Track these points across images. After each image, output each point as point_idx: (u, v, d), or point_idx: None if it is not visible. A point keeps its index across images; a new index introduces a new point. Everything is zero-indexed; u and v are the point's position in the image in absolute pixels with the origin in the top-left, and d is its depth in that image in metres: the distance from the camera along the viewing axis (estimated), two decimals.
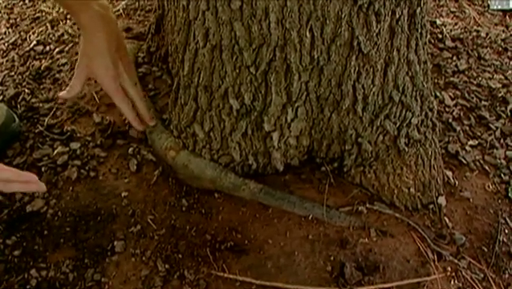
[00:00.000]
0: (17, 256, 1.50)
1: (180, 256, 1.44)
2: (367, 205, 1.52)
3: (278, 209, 1.49)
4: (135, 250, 1.46)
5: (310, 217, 1.48)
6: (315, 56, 1.28)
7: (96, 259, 1.46)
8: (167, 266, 1.42)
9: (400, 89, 1.39)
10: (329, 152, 1.53)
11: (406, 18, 1.29)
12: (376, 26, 1.24)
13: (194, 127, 1.49)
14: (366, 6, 1.19)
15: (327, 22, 1.22)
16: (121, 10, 2.42)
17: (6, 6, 2.79)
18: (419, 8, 1.29)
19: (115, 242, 1.48)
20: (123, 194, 1.59)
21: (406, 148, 1.48)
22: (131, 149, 1.69)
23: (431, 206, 1.56)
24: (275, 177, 1.56)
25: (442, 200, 1.57)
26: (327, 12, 1.20)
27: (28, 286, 1.43)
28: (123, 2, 2.49)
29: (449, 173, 1.65)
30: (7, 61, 2.23)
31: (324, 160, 1.56)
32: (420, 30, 1.34)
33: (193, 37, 1.37)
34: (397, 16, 1.26)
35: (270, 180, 1.55)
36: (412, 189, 1.53)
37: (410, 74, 1.39)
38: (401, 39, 1.31)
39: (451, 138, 1.78)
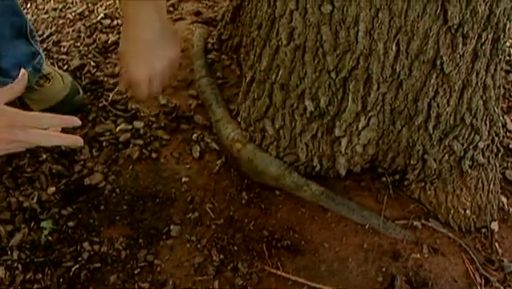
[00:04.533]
0: (71, 227, 1.56)
1: (235, 248, 1.48)
2: (423, 221, 1.55)
3: (337, 213, 1.53)
4: (190, 237, 1.51)
5: (366, 226, 1.52)
6: (397, 69, 1.30)
7: (151, 241, 1.51)
8: (221, 256, 1.47)
9: (473, 112, 1.41)
10: (393, 164, 1.56)
11: (490, 43, 1.31)
12: (461, 48, 1.26)
13: (264, 122, 1.52)
14: (455, 27, 1.22)
15: (415, 38, 1.24)
16: None
17: None
18: (503, 33, 1.31)
19: (172, 226, 1.53)
20: (183, 179, 1.63)
21: (469, 170, 1.51)
22: (195, 135, 1.73)
23: (483, 230, 1.58)
24: (336, 181, 1.60)
25: (495, 225, 1.59)
26: (416, 28, 1.23)
27: (80, 259, 1.49)
28: None
29: (504, 200, 1.67)
30: (73, 31, 2.28)
31: (386, 171, 1.59)
32: (500, 56, 1.37)
33: (275, 34, 1.40)
34: (482, 40, 1.28)
35: (330, 183, 1.58)
36: (468, 211, 1.56)
37: (484, 98, 1.42)
38: (482, 63, 1.33)
39: (509, 164, 1.79)
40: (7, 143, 1.22)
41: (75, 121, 1.24)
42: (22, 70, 1.30)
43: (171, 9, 2.33)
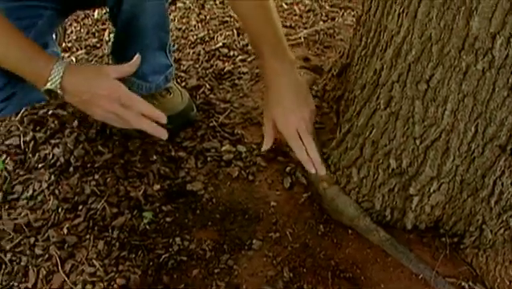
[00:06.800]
0: (168, 222, 1.81)
1: (304, 270, 1.68)
2: (470, 283, 1.69)
3: (397, 260, 1.70)
4: (268, 253, 1.72)
5: (419, 276, 1.68)
6: (472, 147, 1.52)
7: (234, 248, 1.74)
8: (291, 274, 1.66)
9: None
10: (454, 227, 1.73)
11: None
12: None
13: (352, 170, 1.75)
14: None
15: (492, 124, 1.46)
16: (302, 39, 2.68)
17: (197, 1, 3.13)
18: None
19: (254, 241, 1.75)
20: (272, 203, 1.86)
21: None
22: (288, 168, 1.96)
23: None
24: (401, 233, 1.77)
25: None
26: (494, 116, 1.44)
27: (170, 250, 1.73)
28: (305, 31, 2.76)
29: None
30: (194, 53, 2.57)
31: (447, 233, 1.76)
32: None
33: (376, 98, 1.64)
34: None
35: (396, 233, 1.75)
36: None
37: None
38: None
39: None
40: (105, 111, 1.50)
41: (163, 117, 1.53)
42: (137, 54, 1.56)
43: None
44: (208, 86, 2.36)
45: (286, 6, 3.14)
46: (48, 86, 1.45)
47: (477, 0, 1.31)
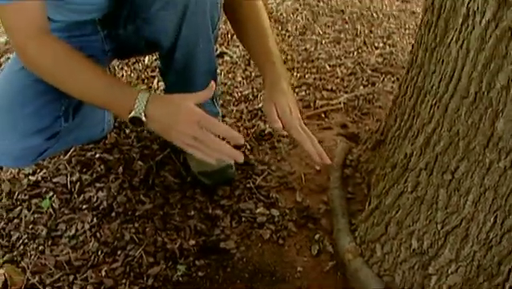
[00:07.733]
0: (200, 276, 1.92)
1: None
2: None
3: None
4: None
5: None
6: (491, 236, 1.61)
7: None
8: None
9: None
10: None
11: None
12: None
13: (376, 245, 1.86)
14: None
15: (510, 216, 1.55)
16: (342, 104, 2.80)
17: (243, 56, 3.26)
18: None
19: None
20: (298, 268, 1.95)
21: None
22: (317, 236, 2.06)
23: None
24: None
25: None
26: None
27: None
28: (345, 96, 2.89)
29: None
30: (237, 111, 2.69)
31: None
32: None
33: (404, 180, 1.76)
34: None
35: None
36: None
37: None
38: None
39: None
40: (185, 135, 1.56)
41: (240, 139, 1.63)
42: (212, 82, 1.66)
43: (323, 116, 2.69)
44: (248, 146, 2.47)
45: (328, 68, 3.25)
46: (133, 114, 1.56)
47: (503, 103, 1.44)
